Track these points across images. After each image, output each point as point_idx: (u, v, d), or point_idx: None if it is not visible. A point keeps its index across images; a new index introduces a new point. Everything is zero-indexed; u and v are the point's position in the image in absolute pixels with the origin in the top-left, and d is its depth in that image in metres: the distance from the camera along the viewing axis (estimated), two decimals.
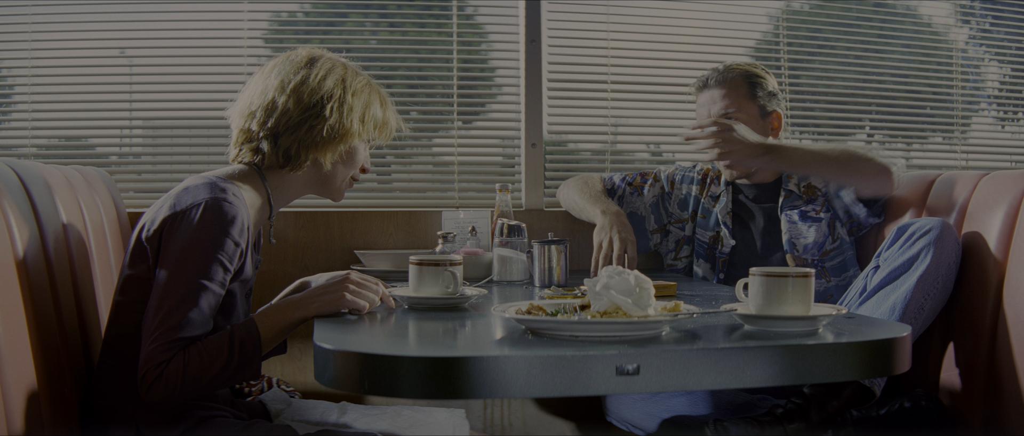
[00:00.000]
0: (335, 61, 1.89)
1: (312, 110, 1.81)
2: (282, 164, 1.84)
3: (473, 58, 3.14)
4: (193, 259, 1.62)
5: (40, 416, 1.57)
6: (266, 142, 1.82)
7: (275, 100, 1.81)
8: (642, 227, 2.78)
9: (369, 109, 1.88)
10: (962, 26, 3.55)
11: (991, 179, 2.18)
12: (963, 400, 2.12)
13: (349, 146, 1.88)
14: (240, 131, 1.85)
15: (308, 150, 1.82)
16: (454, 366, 1.29)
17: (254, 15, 2.99)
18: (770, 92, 2.60)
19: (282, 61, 1.87)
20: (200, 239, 1.63)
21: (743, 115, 2.56)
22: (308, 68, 1.84)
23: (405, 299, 1.83)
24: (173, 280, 1.62)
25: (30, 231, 1.66)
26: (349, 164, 1.92)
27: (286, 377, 2.80)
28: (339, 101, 1.83)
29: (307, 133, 1.81)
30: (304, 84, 1.81)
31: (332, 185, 1.93)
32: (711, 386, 1.35)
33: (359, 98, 1.86)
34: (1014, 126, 3.64)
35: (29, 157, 2.88)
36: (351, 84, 1.86)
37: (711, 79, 2.61)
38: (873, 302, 2.12)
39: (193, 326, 1.62)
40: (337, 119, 1.82)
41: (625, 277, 1.46)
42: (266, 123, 1.81)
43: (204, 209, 1.64)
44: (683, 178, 2.79)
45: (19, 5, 2.88)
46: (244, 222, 1.68)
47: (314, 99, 1.81)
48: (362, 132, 1.88)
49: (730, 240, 2.65)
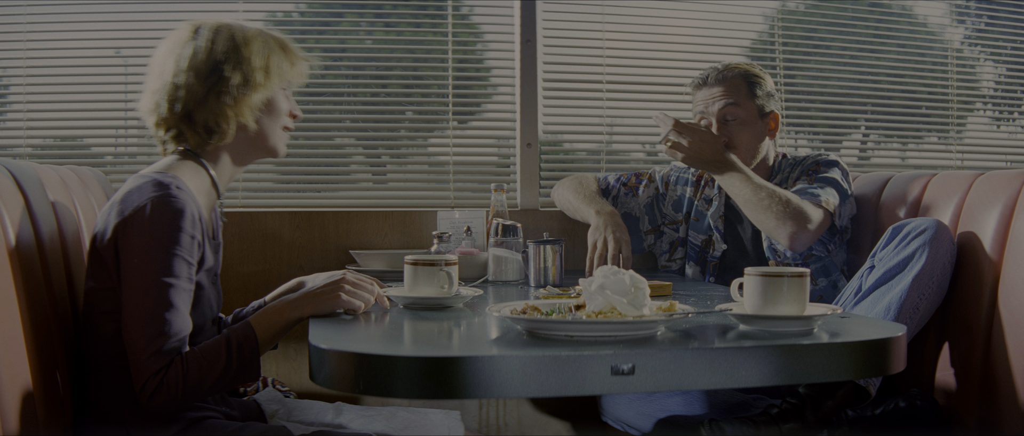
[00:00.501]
0: (218, 23, 1.83)
1: (212, 77, 1.76)
2: (209, 139, 1.79)
3: (468, 58, 3.14)
4: (154, 262, 1.61)
5: (35, 416, 1.57)
6: (183, 124, 1.78)
7: (174, 83, 1.76)
8: (636, 228, 2.78)
9: (271, 56, 1.83)
10: (957, 26, 3.55)
11: (986, 179, 2.19)
12: (958, 399, 2.12)
13: (264, 98, 1.83)
14: (154, 125, 1.81)
15: (225, 116, 1.78)
16: (449, 366, 1.29)
17: (249, 16, 2.99)
18: (768, 92, 2.61)
19: (169, 44, 1.82)
20: (156, 240, 1.61)
21: (742, 112, 2.56)
22: (194, 39, 1.79)
23: (400, 299, 1.83)
24: (141, 288, 1.60)
25: (25, 231, 1.65)
26: (274, 115, 1.87)
27: (281, 377, 2.80)
28: (236, 58, 1.78)
29: (216, 100, 1.76)
30: (195, 55, 1.77)
31: (267, 142, 1.88)
32: (706, 386, 1.35)
33: (254, 48, 1.80)
34: (1009, 126, 3.65)
35: (24, 157, 2.88)
36: (242, 38, 1.80)
37: (711, 77, 2.60)
38: (868, 302, 2.12)
39: (175, 328, 1.61)
40: (240, 76, 1.77)
41: (620, 277, 1.46)
42: (174, 107, 1.77)
43: (152, 209, 1.62)
44: (677, 179, 2.79)
45: (15, 5, 2.88)
46: (194, 213, 1.67)
47: (210, 66, 1.76)
48: (271, 80, 1.83)
49: (721, 244, 2.66)
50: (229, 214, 2.82)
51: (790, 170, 2.61)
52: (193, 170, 1.79)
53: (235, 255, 2.81)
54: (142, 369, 1.59)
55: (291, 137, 1.97)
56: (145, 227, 1.61)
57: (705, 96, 2.61)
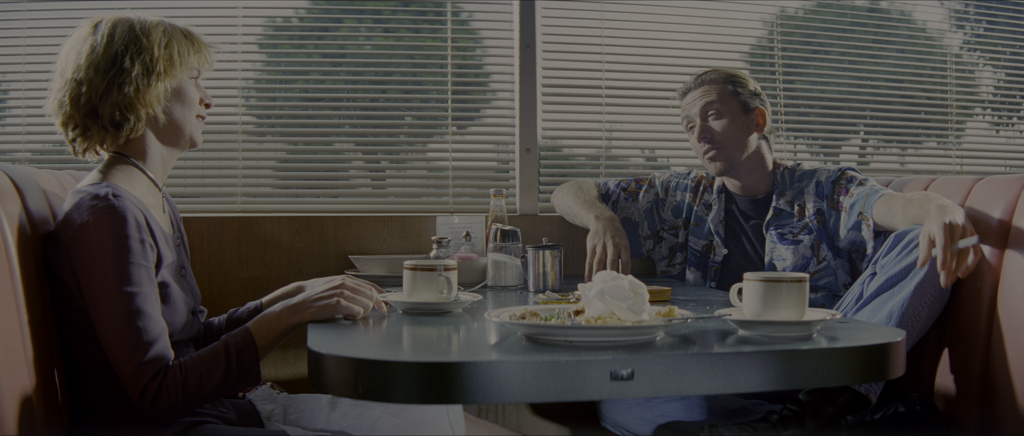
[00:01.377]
0: (118, 16, 1.80)
1: (112, 70, 1.73)
2: (117, 135, 1.77)
3: (467, 63, 3.14)
4: (111, 275, 1.60)
5: (33, 418, 1.57)
6: (89, 120, 1.76)
7: (75, 79, 1.74)
8: (636, 233, 2.78)
9: (173, 43, 1.80)
10: (956, 31, 3.55)
11: (985, 184, 2.19)
12: (958, 404, 2.12)
13: (170, 86, 1.80)
14: (61, 124, 1.79)
15: (130, 107, 1.75)
16: (448, 371, 1.29)
17: (248, 20, 2.99)
18: (752, 91, 2.62)
19: (70, 42, 1.80)
20: (106, 253, 1.60)
21: (723, 108, 2.57)
22: (93, 35, 1.76)
23: (399, 304, 1.83)
24: (105, 303, 1.60)
25: (24, 236, 1.65)
26: (185, 104, 1.84)
27: (280, 381, 2.79)
28: (136, 48, 1.75)
29: (118, 92, 1.73)
30: (94, 51, 1.74)
31: (181, 132, 1.85)
32: (705, 391, 1.35)
33: (154, 37, 1.77)
34: (1008, 131, 3.65)
35: (23, 162, 2.88)
36: (141, 28, 1.78)
37: (692, 83, 2.65)
38: (870, 309, 2.12)
39: (151, 334, 1.61)
40: (140, 67, 1.74)
41: (620, 282, 1.46)
42: (78, 104, 1.74)
43: (94, 222, 1.61)
44: (677, 184, 2.79)
45: (14, 10, 2.88)
46: (136, 217, 1.65)
47: (109, 58, 1.74)
48: (176, 68, 1.80)
49: (722, 249, 2.66)
50: (227, 219, 2.82)
51: (803, 183, 2.60)
52: (126, 172, 1.78)
53: (234, 260, 2.81)
54: (134, 381, 1.59)
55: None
56: (92, 243, 1.60)
57: (688, 101, 2.65)
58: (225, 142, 2.96)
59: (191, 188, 2.95)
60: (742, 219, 2.67)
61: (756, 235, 2.63)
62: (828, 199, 2.53)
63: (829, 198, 2.53)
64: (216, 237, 2.80)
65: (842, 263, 2.55)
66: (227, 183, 2.96)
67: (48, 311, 1.70)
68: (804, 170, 2.63)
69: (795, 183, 2.61)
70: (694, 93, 2.63)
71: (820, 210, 2.54)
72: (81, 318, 1.67)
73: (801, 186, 2.59)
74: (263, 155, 3.02)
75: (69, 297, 1.67)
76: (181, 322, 1.77)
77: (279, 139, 3.05)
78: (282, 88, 3.06)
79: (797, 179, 2.61)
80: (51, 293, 1.71)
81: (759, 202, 2.66)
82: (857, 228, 2.45)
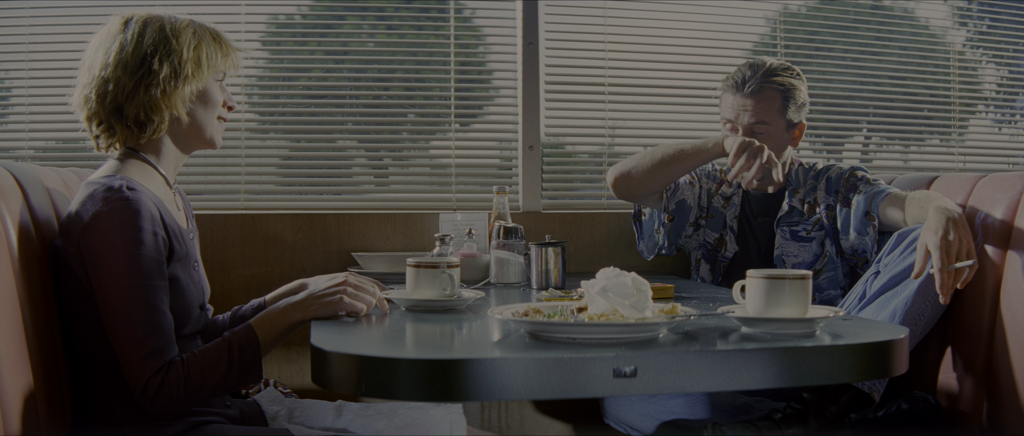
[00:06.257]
0: (150, 14, 1.80)
1: (141, 70, 1.73)
2: (140, 133, 1.77)
3: (470, 60, 3.14)
4: (123, 267, 1.60)
5: (37, 415, 1.57)
6: (114, 118, 1.76)
7: (103, 77, 1.74)
8: (686, 218, 2.72)
9: (202, 46, 1.80)
10: (959, 28, 3.55)
11: (988, 181, 2.18)
12: (961, 402, 2.12)
13: (197, 89, 1.80)
14: (85, 119, 1.80)
15: (156, 109, 1.75)
16: (451, 368, 1.29)
17: (251, 17, 2.99)
18: (801, 104, 2.56)
19: (99, 37, 1.80)
20: (119, 245, 1.60)
21: (771, 129, 2.52)
22: (123, 33, 1.76)
23: (402, 301, 1.83)
24: (116, 295, 1.60)
25: (27, 233, 1.65)
26: (208, 106, 1.84)
27: (283, 379, 2.80)
28: (165, 50, 1.75)
29: (145, 93, 1.73)
30: (123, 50, 1.74)
31: (202, 134, 1.85)
32: (708, 388, 1.35)
33: (184, 39, 1.78)
34: (1011, 128, 3.64)
35: (26, 159, 2.88)
36: (171, 29, 1.78)
37: (747, 86, 2.53)
38: (873, 307, 2.12)
39: (159, 328, 1.61)
40: (169, 68, 1.74)
41: (622, 280, 1.46)
42: (104, 101, 1.75)
43: (109, 214, 1.61)
44: (705, 173, 2.76)
45: (16, 8, 2.88)
46: (150, 211, 1.65)
47: (138, 58, 1.74)
48: (202, 71, 1.80)
49: (734, 245, 2.65)
50: (230, 217, 2.82)
51: (814, 180, 2.59)
52: (140, 168, 1.78)
53: (237, 257, 2.81)
54: (138, 374, 1.60)
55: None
56: (106, 234, 1.61)
57: (736, 104, 2.54)
58: (228, 139, 2.96)
59: (194, 185, 2.95)
60: (757, 214, 2.66)
61: (764, 232, 2.63)
62: (838, 194, 2.53)
63: (838, 193, 2.53)
64: (219, 234, 2.81)
65: (842, 262, 2.55)
66: (230, 180, 2.96)
67: (51, 309, 1.70)
68: (817, 168, 2.63)
69: (808, 180, 2.61)
70: (747, 101, 2.51)
71: (830, 206, 2.54)
72: (89, 309, 1.67)
73: (813, 184, 2.59)
74: (266, 152, 3.02)
75: (78, 288, 1.67)
76: (191, 316, 1.77)
77: (282, 136, 3.05)
78: (285, 85, 3.06)
79: (811, 177, 2.61)
80: (59, 284, 1.71)
81: (771, 199, 2.65)
82: (863, 231, 2.44)
